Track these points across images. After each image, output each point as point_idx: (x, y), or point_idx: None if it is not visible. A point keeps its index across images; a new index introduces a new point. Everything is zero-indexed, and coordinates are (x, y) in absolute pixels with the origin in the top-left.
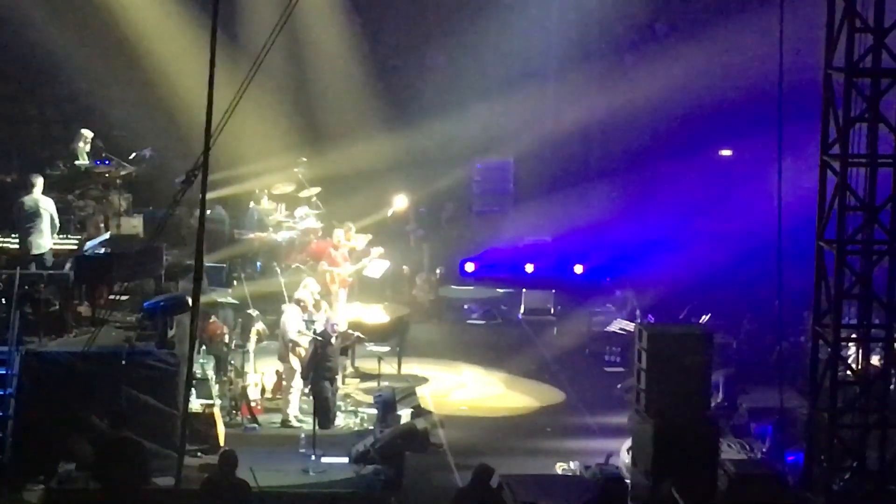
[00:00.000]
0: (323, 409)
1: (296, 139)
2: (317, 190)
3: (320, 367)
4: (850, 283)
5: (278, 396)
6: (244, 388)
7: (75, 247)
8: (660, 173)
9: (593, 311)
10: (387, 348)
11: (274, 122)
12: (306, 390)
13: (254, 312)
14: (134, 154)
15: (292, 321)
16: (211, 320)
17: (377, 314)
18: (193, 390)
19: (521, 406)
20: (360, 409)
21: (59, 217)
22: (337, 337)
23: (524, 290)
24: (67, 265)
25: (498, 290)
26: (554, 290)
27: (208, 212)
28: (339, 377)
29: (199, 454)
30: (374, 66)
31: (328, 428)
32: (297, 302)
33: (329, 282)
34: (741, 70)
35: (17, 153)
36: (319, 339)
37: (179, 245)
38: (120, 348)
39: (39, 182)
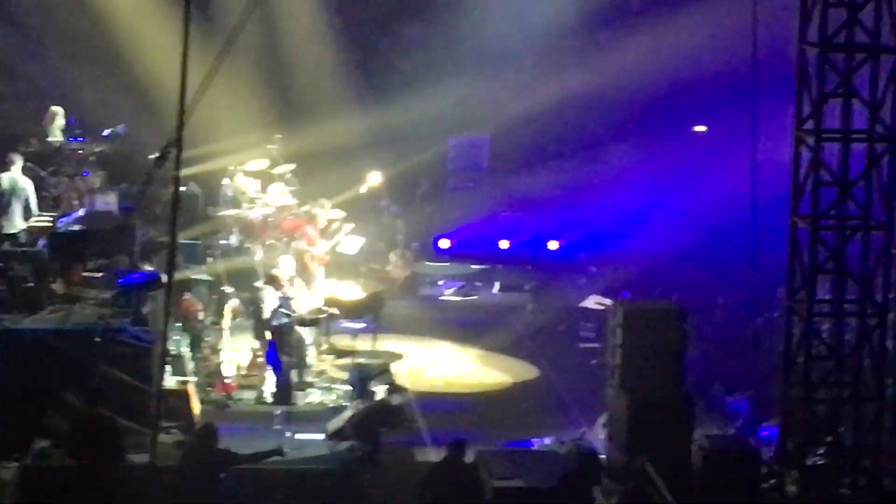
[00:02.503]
0: (284, 385)
1: (270, 116)
2: (291, 167)
3: (280, 342)
4: (824, 258)
5: (253, 373)
6: (219, 365)
7: (49, 224)
8: (635, 149)
9: (568, 287)
10: (362, 324)
11: (248, 99)
12: None
13: (228, 289)
14: (108, 131)
15: (267, 300)
16: (185, 297)
17: (352, 290)
18: (168, 367)
19: (496, 382)
20: (334, 386)
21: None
22: (293, 312)
23: (499, 266)
24: (41, 242)
25: (473, 266)
26: (529, 266)
27: (182, 188)
28: (306, 352)
29: (173, 431)
30: (348, 42)
31: (288, 404)
32: (271, 280)
33: (308, 261)
34: (715, 46)
35: None
36: (277, 315)
37: (153, 222)
38: (94, 325)
39: (19, 162)
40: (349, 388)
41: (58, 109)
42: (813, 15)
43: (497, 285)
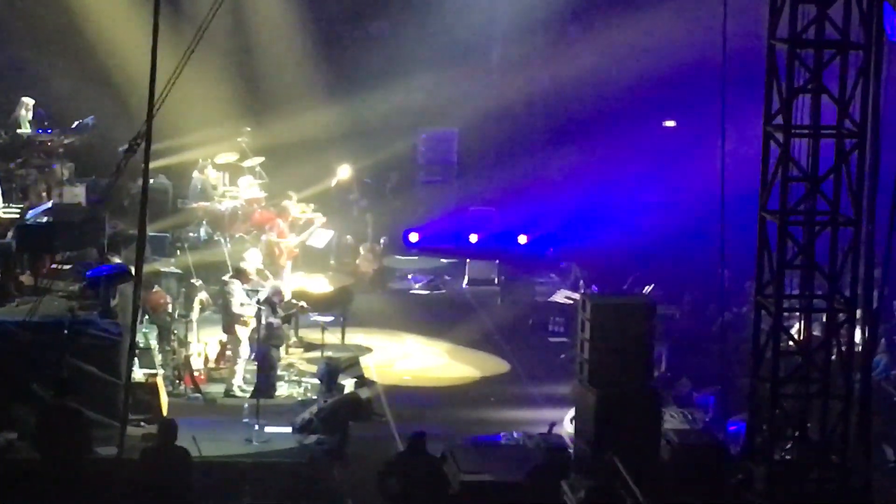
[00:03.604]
0: (270, 378)
1: (239, 108)
2: (260, 159)
3: (270, 335)
4: (793, 253)
5: (221, 366)
6: (187, 358)
7: (17, 216)
8: (604, 144)
9: (537, 282)
10: (330, 318)
11: (217, 92)
12: (251, 359)
13: (197, 282)
14: (76, 122)
15: (235, 293)
16: (154, 290)
17: (321, 284)
18: (136, 360)
19: (464, 376)
20: (303, 379)
21: (2, 185)
22: (280, 305)
23: (468, 260)
24: (9, 234)
25: (442, 260)
26: (498, 261)
27: (151, 181)
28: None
29: (141, 424)
30: (318, 36)
31: (271, 396)
32: (238, 273)
33: (277, 254)
34: (685, 41)
35: None
36: (265, 308)
37: (122, 214)
38: (62, 317)
39: None
40: (318, 381)
41: (29, 100)
42: (782, 11)
43: (466, 279)
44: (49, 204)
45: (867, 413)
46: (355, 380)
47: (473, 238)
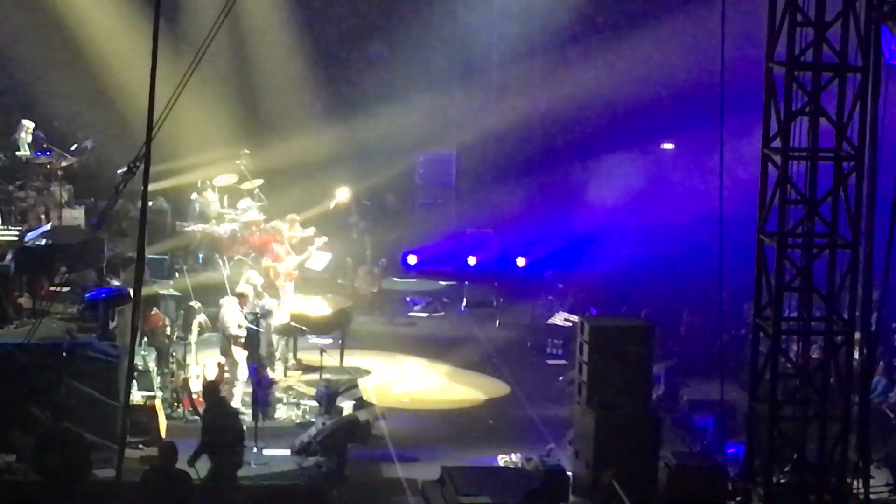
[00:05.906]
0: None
1: (238, 131)
2: (259, 182)
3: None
4: (791, 276)
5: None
6: (186, 380)
7: (16, 238)
8: (602, 166)
9: (535, 304)
10: (329, 340)
11: (216, 114)
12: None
13: (196, 304)
14: (75, 145)
15: (232, 315)
16: (153, 312)
17: (319, 306)
18: (135, 382)
19: (463, 398)
20: (302, 401)
21: (0, 208)
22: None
23: (467, 282)
24: (8, 256)
25: (440, 282)
26: (496, 283)
27: (150, 203)
28: (278, 366)
29: (140, 446)
30: (317, 58)
31: (270, 418)
32: (238, 296)
33: (273, 277)
34: (683, 63)
35: None
36: (263, 324)
37: (121, 236)
38: (61, 340)
39: None
40: (316, 403)
41: (29, 123)
42: (780, 33)
43: (465, 301)
44: (48, 226)
45: (865, 435)
46: (354, 402)
47: (472, 260)
